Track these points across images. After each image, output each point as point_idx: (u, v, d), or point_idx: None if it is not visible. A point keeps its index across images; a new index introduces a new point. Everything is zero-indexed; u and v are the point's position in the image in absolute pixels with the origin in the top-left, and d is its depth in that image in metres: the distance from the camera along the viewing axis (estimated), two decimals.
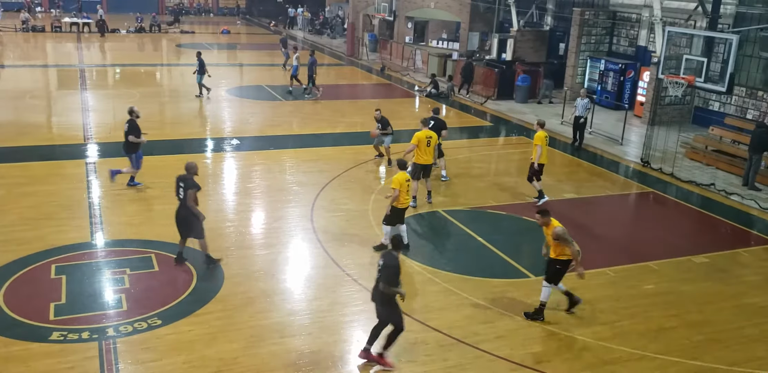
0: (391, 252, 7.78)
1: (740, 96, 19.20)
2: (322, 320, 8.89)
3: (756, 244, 12.22)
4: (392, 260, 7.61)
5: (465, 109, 23.50)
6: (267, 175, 15.06)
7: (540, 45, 27.88)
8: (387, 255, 7.74)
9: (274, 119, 20.72)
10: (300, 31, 48.15)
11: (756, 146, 15.02)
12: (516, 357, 8.16)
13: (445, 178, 14.89)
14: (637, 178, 16.03)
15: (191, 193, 9.81)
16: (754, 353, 8.46)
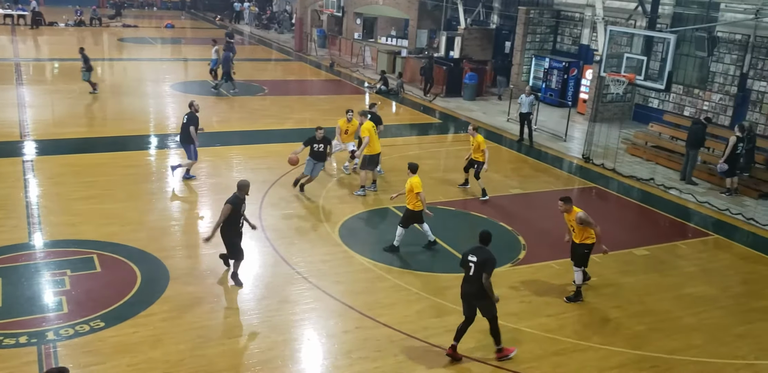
0: (482, 247, 8.02)
1: (678, 93, 19.87)
2: (271, 319, 8.81)
3: (693, 236, 12.68)
4: (490, 254, 7.92)
5: (414, 106, 23.61)
6: (213, 173, 14.81)
7: (487, 43, 28.21)
8: (480, 250, 7.96)
9: (220, 115, 20.38)
10: (247, 26, 47.48)
11: (693, 142, 15.57)
12: (465, 350, 8.24)
13: (380, 171, 15.17)
14: (580, 174, 16.42)
15: (224, 207, 9.31)
16: (692, 341, 8.78)
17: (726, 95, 18.39)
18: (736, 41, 17.96)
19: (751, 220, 13.31)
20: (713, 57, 18.27)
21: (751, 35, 17.49)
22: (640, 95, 21.36)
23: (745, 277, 11.01)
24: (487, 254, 7.91)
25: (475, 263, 7.89)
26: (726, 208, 13.90)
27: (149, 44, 36.26)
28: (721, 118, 18.35)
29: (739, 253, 11.96)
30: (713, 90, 18.76)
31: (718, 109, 18.59)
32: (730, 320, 9.42)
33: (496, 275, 10.40)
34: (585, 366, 8.07)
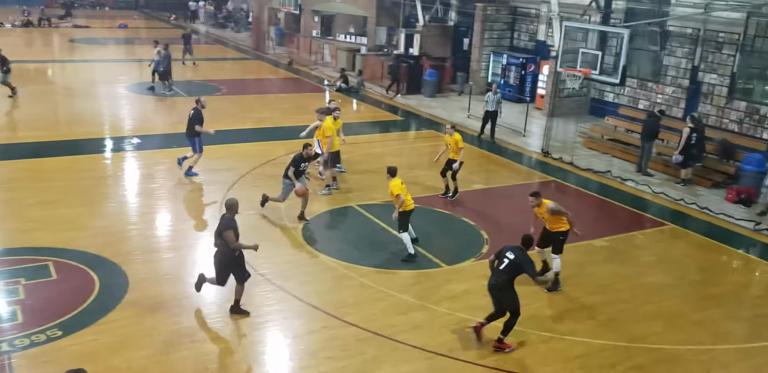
0: (522, 249, 8.37)
1: (632, 87, 20.25)
2: (235, 322, 8.70)
3: (650, 226, 12.96)
4: (527, 257, 8.32)
5: (376, 103, 23.61)
6: (172, 175, 14.56)
7: (445, 40, 28.33)
8: (519, 251, 8.32)
9: (177, 116, 19.96)
10: (202, 25, 46.82)
11: (647, 134, 15.90)
12: (431, 346, 8.29)
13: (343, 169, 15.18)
14: (539, 168, 16.63)
15: (227, 234, 8.49)
16: (652, 329, 8.98)
17: (678, 88, 18.82)
18: (687, 35, 18.38)
19: (705, 209, 13.66)
20: (665, 51, 18.68)
21: (701, 29, 17.93)
22: (595, 90, 21.72)
23: (701, 265, 11.31)
24: (526, 257, 8.31)
25: (511, 261, 8.26)
26: (681, 198, 14.24)
27: (101, 45, 35.49)
28: (674, 110, 18.77)
29: (695, 241, 12.26)
30: (666, 83, 19.18)
31: (671, 101, 19.01)
32: (688, 307, 9.65)
33: (461, 271, 10.53)
34: (548, 357, 8.19)
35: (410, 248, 10.84)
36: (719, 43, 17.57)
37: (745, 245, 12.28)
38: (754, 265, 11.64)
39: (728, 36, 17.31)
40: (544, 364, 8.03)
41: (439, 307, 9.31)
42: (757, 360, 8.42)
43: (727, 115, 17.41)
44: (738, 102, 17.24)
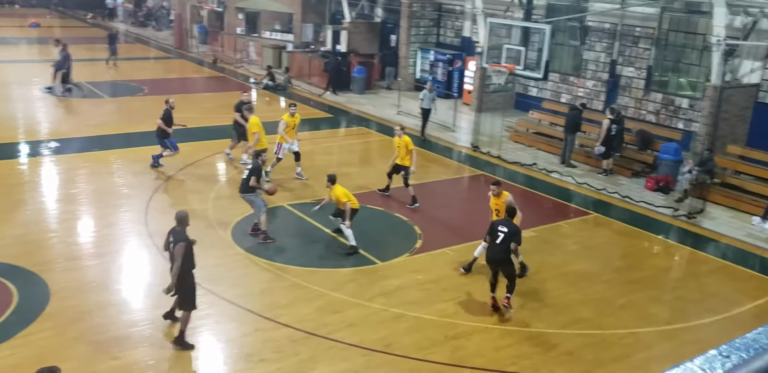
0: (510, 220, 9.19)
1: (555, 82, 20.83)
2: (165, 329, 8.46)
3: (575, 216, 13.38)
4: (517, 227, 9.14)
5: (304, 101, 23.39)
6: (93, 179, 14.02)
7: (373, 37, 28.37)
8: (509, 223, 9.13)
9: (97, 118, 19.32)
10: (122, 24, 45.25)
11: (570, 127, 16.39)
12: (367, 343, 8.30)
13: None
14: (468, 162, 16.90)
15: (179, 247, 7.84)
16: (579, 315, 9.27)
17: (598, 81, 19.48)
18: (606, 30, 19.04)
19: (627, 197, 14.20)
20: (586, 45, 19.29)
21: (619, 24, 18.60)
22: (520, 85, 22.22)
23: (624, 251, 11.75)
24: (515, 227, 9.12)
25: (505, 233, 8.94)
26: (603, 187, 14.75)
27: (12, 45, 33.80)
28: (594, 103, 19.43)
29: (617, 229, 12.73)
30: (587, 77, 19.82)
31: (592, 94, 19.67)
32: (613, 293, 10.01)
33: (395, 267, 10.57)
34: (482, 347, 8.33)
35: (353, 240, 10.85)
36: (636, 37, 18.29)
37: (665, 230, 12.83)
38: (674, 250, 12.19)
39: (644, 30, 18.03)
40: (477, 355, 8.17)
41: (374, 303, 9.32)
42: (678, 341, 8.81)
43: (645, 107, 18.16)
44: (654, 94, 18.00)
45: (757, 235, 12.49)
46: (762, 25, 15.06)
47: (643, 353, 8.47)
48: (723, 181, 14.51)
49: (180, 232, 8.00)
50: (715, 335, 8.91)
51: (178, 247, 7.81)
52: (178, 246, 7.81)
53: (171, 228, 8.17)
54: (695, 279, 10.80)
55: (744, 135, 15.65)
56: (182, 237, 7.92)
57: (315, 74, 25.60)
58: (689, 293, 10.29)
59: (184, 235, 7.97)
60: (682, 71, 17.70)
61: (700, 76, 16.92)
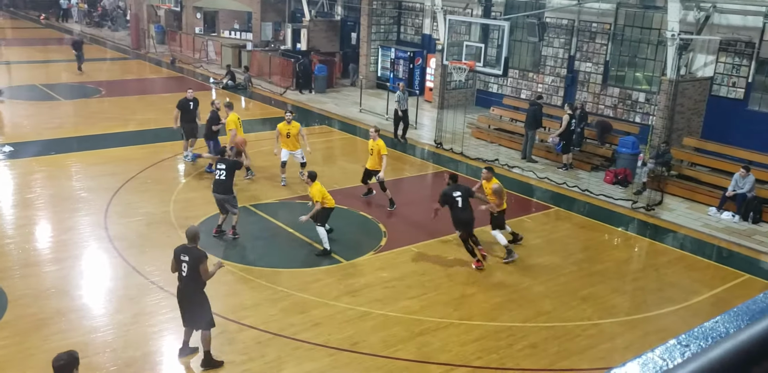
0: (458, 184, 10.55)
1: (515, 78, 21.06)
2: (126, 334, 8.33)
3: (536, 210, 13.54)
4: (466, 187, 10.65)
5: (264, 100, 23.22)
6: (50, 183, 13.70)
7: (333, 35, 28.30)
8: (460, 186, 10.42)
9: (54, 121, 18.87)
10: (76, 25, 44.25)
11: (530, 122, 16.58)
12: (333, 342, 8.28)
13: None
14: (432, 159, 16.98)
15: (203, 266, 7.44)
16: (542, 308, 9.39)
17: (557, 77, 19.75)
18: (563, 26, 19.30)
19: (586, 191, 14.43)
20: (544, 42, 19.53)
21: (576, 20, 18.88)
22: (481, 81, 22.39)
23: (585, 244, 11.94)
24: (465, 187, 10.53)
25: (462, 195, 10.21)
26: (563, 182, 14.96)
27: None
28: (553, 98, 19.69)
29: (578, 222, 12.93)
30: (545, 73, 20.07)
31: (551, 90, 19.93)
32: (575, 285, 10.17)
33: (360, 265, 10.57)
34: (448, 342, 8.38)
35: (326, 243, 10.79)
36: (593, 33, 18.59)
37: (624, 223, 13.08)
38: (633, 241, 12.44)
39: (600, 26, 18.34)
40: (444, 350, 8.22)
41: (340, 302, 9.31)
42: (640, 331, 8.99)
43: (603, 101, 18.47)
44: (612, 88, 18.32)
45: (713, 225, 12.82)
46: (714, 19, 15.45)
47: (607, 344, 8.62)
48: (679, 173, 14.85)
49: (194, 249, 7.56)
50: (676, 325, 9.11)
51: (203, 264, 7.42)
52: (202, 264, 7.42)
53: (180, 246, 7.70)
54: (655, 270, 11.03)
55: (699, 127, 16.05)
56: (200, 253, 7.50)
57: (276, 73, 25.40)
58: (649, 283, 10.51)
59: (201, 251, 7.56)
60: (638, 66, 18.05)
61: (656, 71, 17.28)
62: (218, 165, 11.16)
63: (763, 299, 1.12)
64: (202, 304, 7.58)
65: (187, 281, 7.56)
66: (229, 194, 11.06)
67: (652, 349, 0.99)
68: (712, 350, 0.90)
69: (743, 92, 15.43)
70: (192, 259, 7.43)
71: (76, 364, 5.66)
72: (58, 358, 5.62)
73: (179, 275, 7.64)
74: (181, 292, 7.65)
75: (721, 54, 15.65)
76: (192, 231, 7.67)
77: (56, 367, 5.60)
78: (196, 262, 7.41)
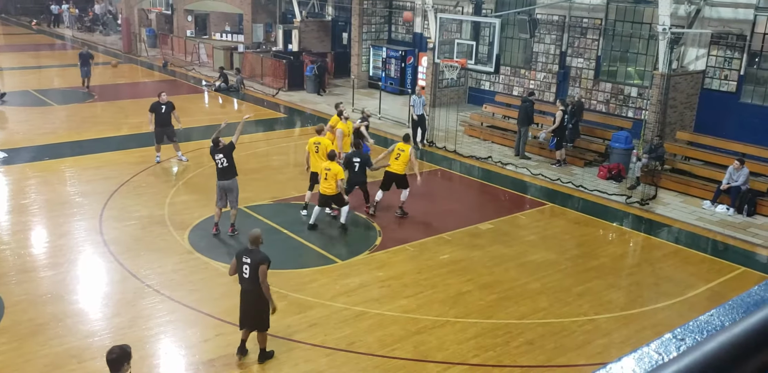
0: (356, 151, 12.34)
1: (506, 75, 21.07)
2: (124, 338, 8.28)
3: (531, 207, 13.57)
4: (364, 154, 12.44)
5: (257, 101, 23.20)
6: (44, 189, 13.68)
7: (324, 35, 28.28)
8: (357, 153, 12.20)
9: (47, 126, 18.82)
10: (68, 30, 44.14)
11: (523, 119, 16.59)
12: (330, 342, 8.29)
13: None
14: (425, 158, 16.96)
15: (263, 268, 7.62)
16: (538, 305, 9.41)
17: (549, 73, 19.77)
18: (554, 22, 19.33)
19: (580, 187, 14.46)
20: (535, 38, 19.55)
21: (567, 16, 18.90)
22: (472, 79, 22.41)
23: (580, 240, 11.96)
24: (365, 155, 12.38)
25: (359, 162, 12.05)
26: (557, 178, 14.99)
27: None
28: (546, 94, 19.71)
29: (572, 218, 12.96)
30: (537, 69, 20.10)
31: (543, 86, 19.95)
32: (570, 281, 10.19)
33: (355, 265, 10.58)
34: (444, 341, 8.40)
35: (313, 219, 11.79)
36: (584, 28, 18.61)
37: (619, 218, 13.11)
38: (628, 236, 12.47)
39: (591, 21, 18.37)
40: (440, 349, 8.23)
41: (336, 303, 9.31)
42: (636, 326, 9.02)
43: (595, 97, 18.50)
44: (604, 83, 18.35)
45: (708, 218, 12.86)
46: (705, 12, 15.50)
47: (603, 340, 8.64)
48: (673, 167, 14.89)
49: (257, 251, 7.70)
50: (672, 319, 9.14)
51: (263, 267, 7.58)
52: (262, 267, 7.58)
53: (242, 249, 7.86)
54: (650, 264, 11.07)
55: (692, 121, 16.09)
56: (263, 256, 7.65)
57: (268, 74, 25.38)
58: (645, 278, 10.54)
59: (263, 254, 7.71)
60: (630, 60, 18.09)
61: (648, 65, 17.32)
62: (216, 156, 11.21)
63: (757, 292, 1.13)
64: (262, 306, 7.73)
65: (249, 283, 7.69)
66: (234, 176, 11.32)
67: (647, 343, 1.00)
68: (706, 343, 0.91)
69: (735, 85, 15.47)
70: (254, 261, 7.60)
71: (128, 358, 5.68)
72: (110, 351, 5.66)
73: (240, 278, 7.76)
74: (245, 294, 7.77)
75: (713, 47, 15.70)
76: (254, 234, 7.82)
77: (109, 360, 5.62)
78: (256, 264, 7.56)
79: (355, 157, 12.06)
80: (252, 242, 7.75)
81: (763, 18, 14.83)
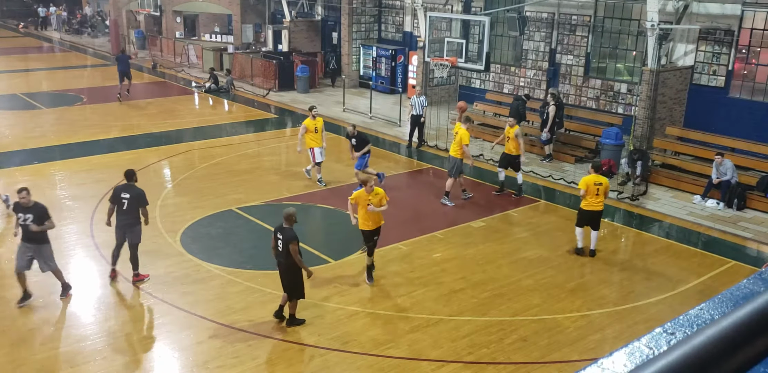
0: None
1: (497, 73, 21.09)
2: (116, 342, 8.29)
3: (523, 204, 13.57)
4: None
5: (248, 102, 23.15)
6: (34, 193, 13.23)
7: (314, 35, 28.25)
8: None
9: (36, 130, 18.72)
10: (56, 32, 43.92)
11: (514, 117, 16.55)
12: (324, 342, 8.28)
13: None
14: (417, 156, 16.99)
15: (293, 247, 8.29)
16: (531, 302, 9.43)
17: (539, 70, 19.81)
18: (543, 19, 19.36)
19: (572, 183, 14.47)
20: (525, 36, 19.58)
21: (556, 13, 18.94)
22: (463, 77, 22.42)
23: (572, 236, 11.92)
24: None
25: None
26: (549, 174, 15.02)
27: None
28: (536, 92, 19.75)
29: (565, 215, 12.97)
30: (527, 67, 20.13)
31: (533, 84, 19.99)
32: (563, 278, 10.21)
33: (348, 264, 10.55)
34: (438, 339, 8.40)
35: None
36: (573, 25, 18.65)
37: (610, 213, 13.12)
38: (620, 232, 12.51)
39: (580, 18, 18.41)
40: (435, 347, 8.24)
41: (329, 303, 9.31)
42: (628, 321, 9.05)
43: (585, 93, 18.55)
44: (594, 80, 18.40)
45: (698, 213, 12.91)
46: (693, 8, 15.56)
47: (596, 335, 8.66)
48: (663, 163, 14.95)
49: (289, 230, 8.34)
50: (664, 313, 9.18)
51: (292, 246, 8.24)
52: (292, 245, 8.24)
53: (278, 226, 8.51)
54: (642, 260, 11.11)
55: (681, 116, 16.16)
56: (291, 235, 8.29)
57: (258, 75, 25.32)
58: (637, 273, 10.57)
59: (293, 233, 8.33)
60: (619, 57, 18.15)
61: (637, 61, 17.37)
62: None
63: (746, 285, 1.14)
64: (296, 277, 8.48)
65: (281, 256, 8.43)
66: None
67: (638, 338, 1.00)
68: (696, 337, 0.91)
69: (724, 80, 15.54)
70: (285, 239, 8.31)
71: None
72: None
73: (275, 251, 8.55)
74: (280, 265, 8.58)
75: (701, 43, 15.76)
76: (288, 212, 8.47)
77: None
78: (286, 242, 8.26)
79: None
80: (286, 220, 8.39)
81: (751, 13, 14.91)
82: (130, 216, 9.55)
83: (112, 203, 9.61)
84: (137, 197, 9.55)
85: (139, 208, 9.55)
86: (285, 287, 8.60)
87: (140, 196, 9.58)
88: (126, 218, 9.56)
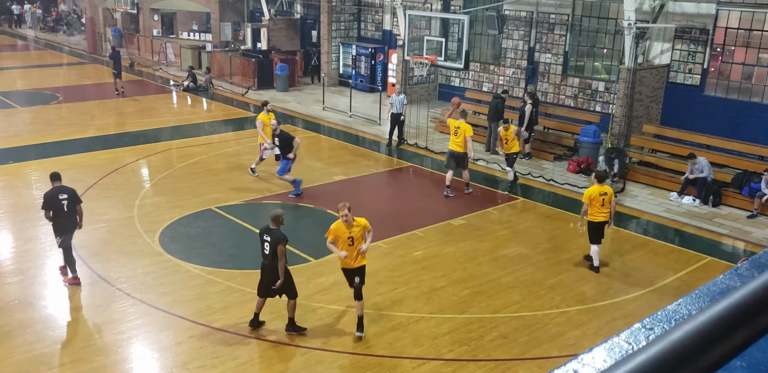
0: None
1: (476, 71, 21.17)
2: (95, 343, 8.20)
3: (502, 202, 13.66)
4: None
5: (226, 101, 23.00)
6: (9, 193, 13.41)
7: (293, 33, 28.13)
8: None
9: (10, 129, 18.44)
10: (30, 30, 43.28)
11: (493, 115, 16.69)
12: (305, 342, 8.28)
13: None
14: (397, 155, 17.00)
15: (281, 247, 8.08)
16: (511, 299, 9.49)
17: (518, 69, 19.92)
18: (522, 18, 19.46)
19: (551, 181, 14.60)
20: (504, 34, 19.67)
21: (534, 12, 19.05)
22: (442, 75, 22.47)
23: (551, 233, 12.08)
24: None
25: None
26: (528, 172, 15.12)
27: None
28: (515, 90, 19.85)
29: (543, 212, 13.08)
30: (506, 65, 20.22)
31: (512, 82, 20.09)
32: (542, 275, 10.29)
33: (329, 263, 10.53)
34: (419, 337, 8.42)
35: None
36: (551, 24, 18.77)
37: None
38: None
39: (559, 17, 18.53)
40: (415, 345, 8.26)
41: (310, 301, 9.28)
42: (607, 317, 9.14)
43: (563, 92, 18.69)
44: (572, 78, 18.55)
45: (675, 210, 13.08)
46: (669, 7, 15.74)
47: (576, 331, 8.74)
48: (640, 160, 15.11)
49: (277, 231, 8.19)
50: (642, 309, 9.28)
51: (281, 246, 8.06)
52: (280, 245, 8.06)
53: (264, 227, 8.35)
54: (620, 256, 11.22)
55: (658, 114, 16.34)
56: (280, 236, 8.14)
57: (237, 73, 25.16)
58: (615, 270, 10.68)
59: (282, 234, 8.19)
60: (597, 55, 18.30)
61: (614, 60, 17.53)
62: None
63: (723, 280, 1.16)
64: (286, 278, 8.27)
65: (268, 259, 8.24)
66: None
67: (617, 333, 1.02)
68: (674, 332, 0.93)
69: (699, 78, 15.75)
70: (273, 240, 8.12)
71: None
72: None
73: (262, 253, 8.34)
74: (265, 267, 8.33)
75: (677, 41, 15.95)
76: (275, 214, 8.32)
77: None
78: (275, 243, 8.08)
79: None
80: (273, 221, 8.22)
81: (725, 12, 15.12)
82: (73, 215, 9.55)
83: (49, 208, 9.39)
84: (74, 196, 9.55)
85: (75, 206, 9.51)
86: (267, 289, 8.27)
87: (76, 193, 9.63)
88: (71, 218, 9.51)
